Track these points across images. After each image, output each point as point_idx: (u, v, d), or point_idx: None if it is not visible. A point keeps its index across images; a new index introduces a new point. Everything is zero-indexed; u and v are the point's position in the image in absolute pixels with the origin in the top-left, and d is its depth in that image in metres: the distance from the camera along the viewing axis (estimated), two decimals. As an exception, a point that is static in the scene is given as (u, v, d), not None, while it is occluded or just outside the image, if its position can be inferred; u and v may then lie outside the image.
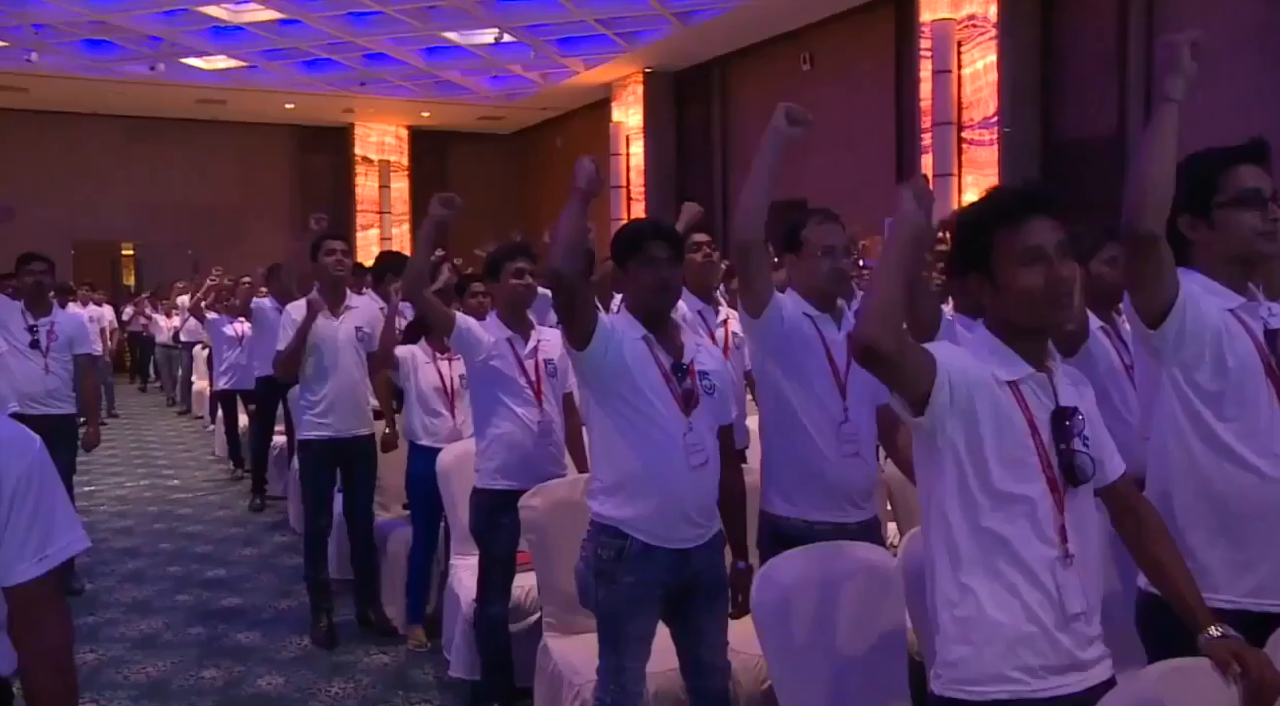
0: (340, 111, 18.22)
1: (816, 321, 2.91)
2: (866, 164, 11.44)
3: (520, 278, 3.83)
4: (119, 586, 5.81)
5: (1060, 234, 1.86)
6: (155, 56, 14.72)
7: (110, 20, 13.08)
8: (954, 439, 1.82)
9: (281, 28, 13.70)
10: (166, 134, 18.31)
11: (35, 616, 1.59)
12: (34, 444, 1.60)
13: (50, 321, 5.54)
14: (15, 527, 1.55)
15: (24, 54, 14.30)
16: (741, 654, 2.99)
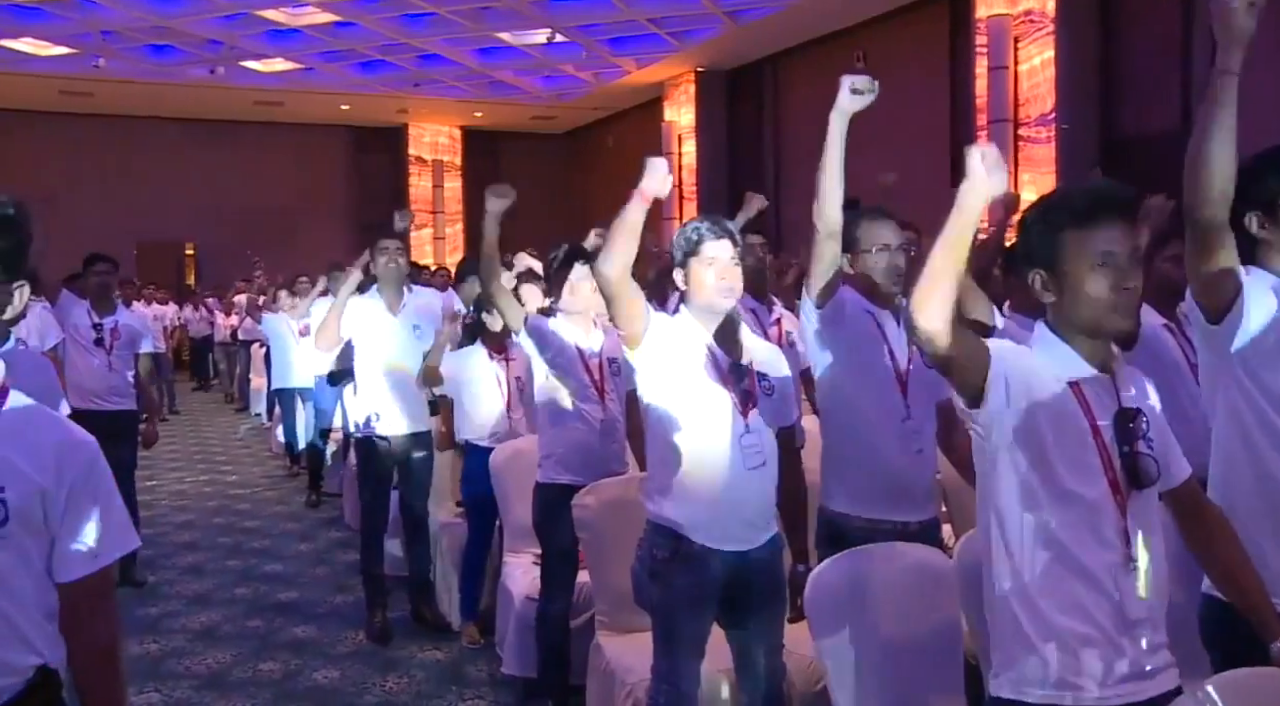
0: (394, 112, 18.41)
1: (877, 317, 2.89)
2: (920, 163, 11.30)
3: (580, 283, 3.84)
4: (180, 579, 5.93)
5: (1134, 240, 1.81)
6: (215, 60, 14.98)
7: (172, 25, 13.34)
8: (1012, 437, 1.79)
9: (337, 30, 13.87)
10: (226, 136, 18.64)
11: (85, 612, 1.64)
12: (90, 445, 1.64)
13: (114, 320, 5.67)
14: (69, 527, 1.59)
15: (91, 60, 14.64)
16: (795, 654, 2.98)
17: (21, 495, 1.54)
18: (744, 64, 14.87)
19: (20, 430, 1.58)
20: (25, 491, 1.54)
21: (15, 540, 1.55)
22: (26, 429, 1.59)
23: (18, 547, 1.55)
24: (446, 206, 19.70)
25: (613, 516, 3.41)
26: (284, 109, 17.87)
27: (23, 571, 1.57)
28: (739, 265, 2.77)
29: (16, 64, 14.84)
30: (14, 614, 1.56)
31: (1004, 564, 1.84)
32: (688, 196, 15.37)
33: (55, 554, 1.60)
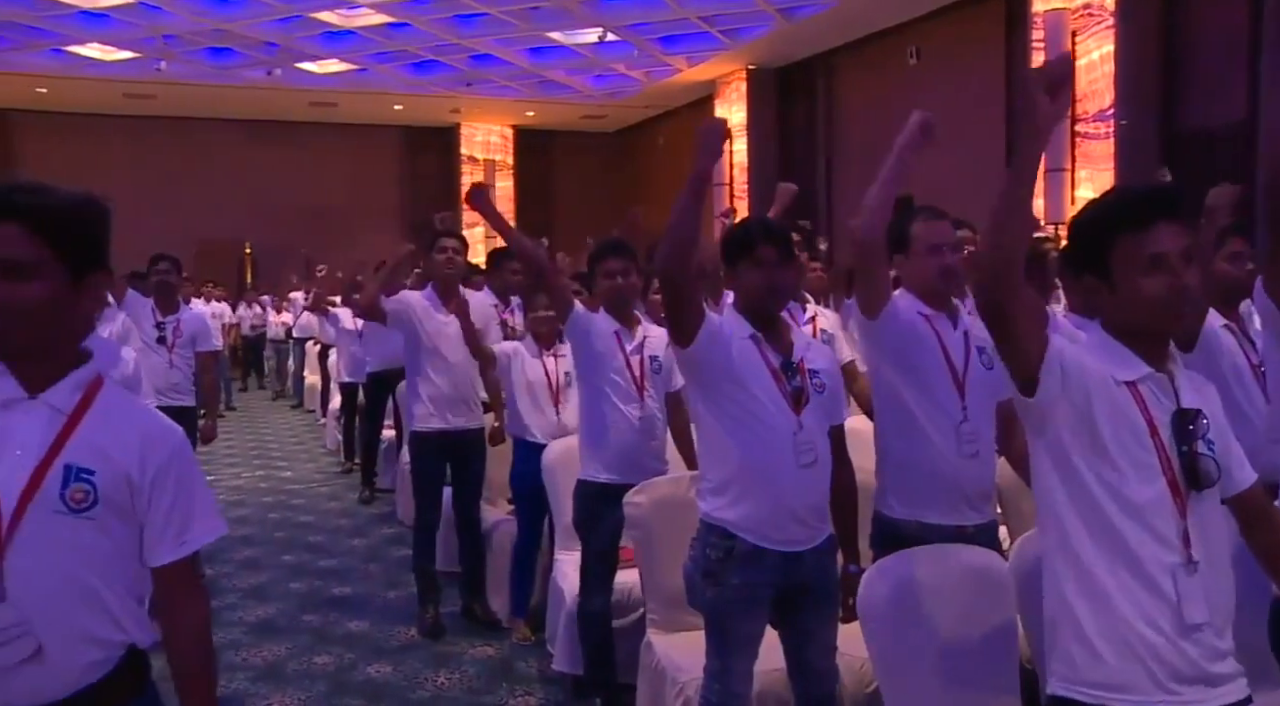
0: (447, 112, 18.57)
1: (932, 320, 2.86)
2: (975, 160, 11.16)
3: (611, 278, 3.84)
4: (237, 573, 6.03)
5: (1186, 239, 1.78)
6: (272, 62, 15.23)
7: (231, 28, 13.58)
8: (1069, 433, 1.77)
9: (390, 31, 14.03)
10: (282, 136, 18.93)
11: (176, 595, 1.72)
12: (176, 434, 1.72)
13: (176, 318, 5.79)
14: (158, 513, 1.66)
15: (154, 64, 14.97)
16: (847, 655, 2.96)
17: (109, 479, 1.61)
18: (795, 61, 14.79)
19: (111, 417, 1.65)
20: (113, 476, 1.61)
21: (105, 522, 1.62)
22: (116, 416, 1.66)
23: (107, 529, 1.62)
24: (498, 205, 19.78)
25: (663, 515, 3.41)
26: (338, 110, 18.10)
27: (113, 553, 1.64)
28: (789, 266, 2.76)
29: (84, 69, 15.23)
30: (105, 592, 1.63)
31: (1061, 562, 1.82)
32: (738, 195, 15.33)
33: (145, 539, 1.67)
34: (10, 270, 1.53)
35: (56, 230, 1.57)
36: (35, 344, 1.61)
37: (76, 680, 1.60)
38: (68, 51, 14.72)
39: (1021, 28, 10.59)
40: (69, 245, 1.58)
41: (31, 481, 1.56)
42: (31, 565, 1.56)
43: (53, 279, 1.57)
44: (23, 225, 1.54)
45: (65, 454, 1.59)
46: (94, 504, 1.59)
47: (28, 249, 1.54)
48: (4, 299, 1.53)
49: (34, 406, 1.60)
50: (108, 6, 12.98)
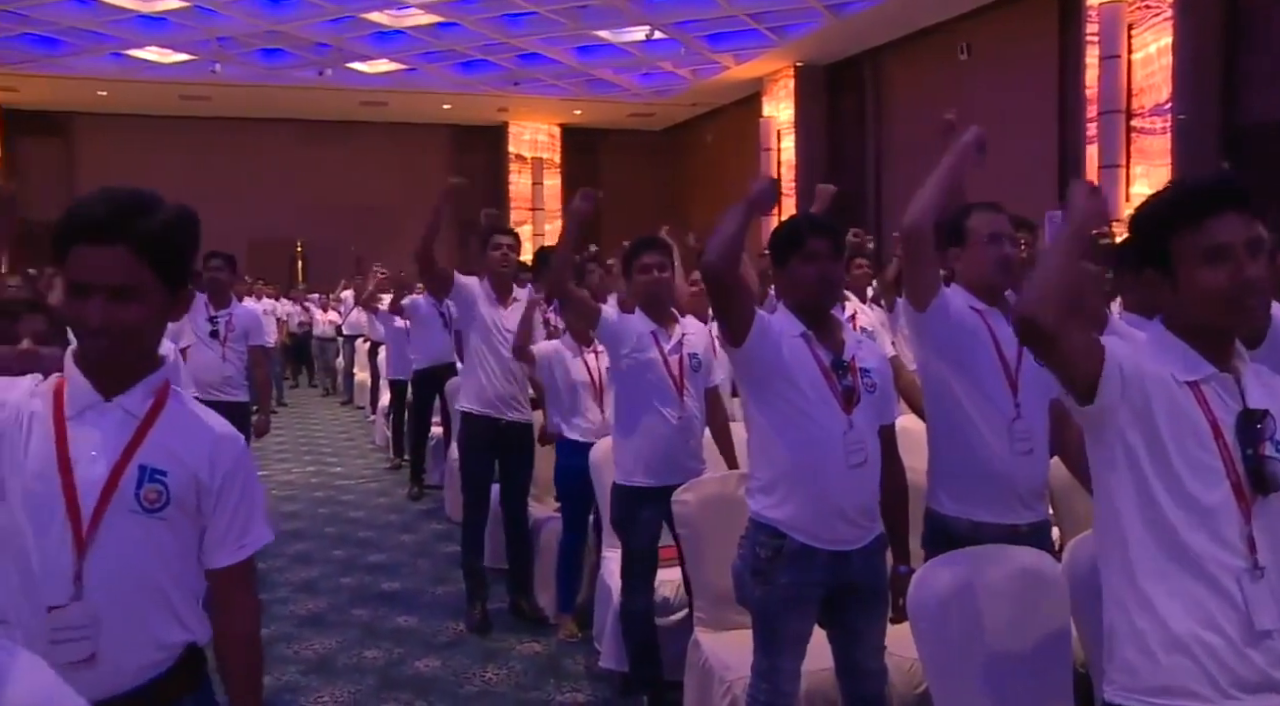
0: (495, 111, 18.70)
1: (985, 315, 2.82)
2: (1027, 156, 11.01)
3: (647, 273, 3.83)
4: (288, 567, 6.10)
5: (1250, 230, 1.73)
6: (323, 62, 15.43)
7: (283, 29, 13.78)
8: (1128, 436, 1.74)
9: (439, 30, 14.15)
10: (333, 136, 19.18)
11: (230, 597, 1.75)
12: (239, 440, 1.76)
13: (229, 313, 5.88)
14: (220, 517, 1.70)
15: (209, 66, 15.24)
16: (896, 656, 2.93)
17: (180, 482, 1.65)
18: (844, 58, 14.68)
19: (180, 421, 1.69)
20: (184, 478, 1.66)
21: (175, 522, 1.66)
22: (186, 420, 1.70)
23: (177, 529, 1.66)
24: (546, 204, 19.91)
25: (711, 513, 3.40)
26: (388, 109, 18.30)
27: (179, 552, 1.68)
28: (839, 261, 2.74)
29: (142, 72, 15.56)
30: (172, 592, 1.67)
31: (1120, 564, 1.78)
32: (786, 193, 15.25)
33: (205, 541, 1.71)
34: (121, 294, 1.56)
35: (159, 252, 1.59)
36: (133, 360, 1.66)
37: (138, 675, 1.63)
38: (127, 55, 15.05)
39: (1076, 22, 10.43)
40: (168, 265, 1.62)
41: (109, 482, 1.60)
42: (109, 564, 1.60)
43: (153, 299, 1.61)
44: (130, 248, 1.56)
45: (139, 455, 1.63)
46: (166, 504, 1.64)
47: (134, 273, 1.57)
48: (111, 321, 1.56)
49: (109, 410, 1.64)
50: (165, 10, 13.25)
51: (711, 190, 17.71)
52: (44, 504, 1.59)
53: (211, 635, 1.74)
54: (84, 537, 1.59)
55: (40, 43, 14.43)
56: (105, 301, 1.56)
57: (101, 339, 1.58)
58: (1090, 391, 1.73)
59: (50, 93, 16.67)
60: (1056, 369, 1.77)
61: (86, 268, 1.56)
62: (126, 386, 1.65)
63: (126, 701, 1.61)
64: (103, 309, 1.56)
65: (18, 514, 1.60)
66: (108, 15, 13.29)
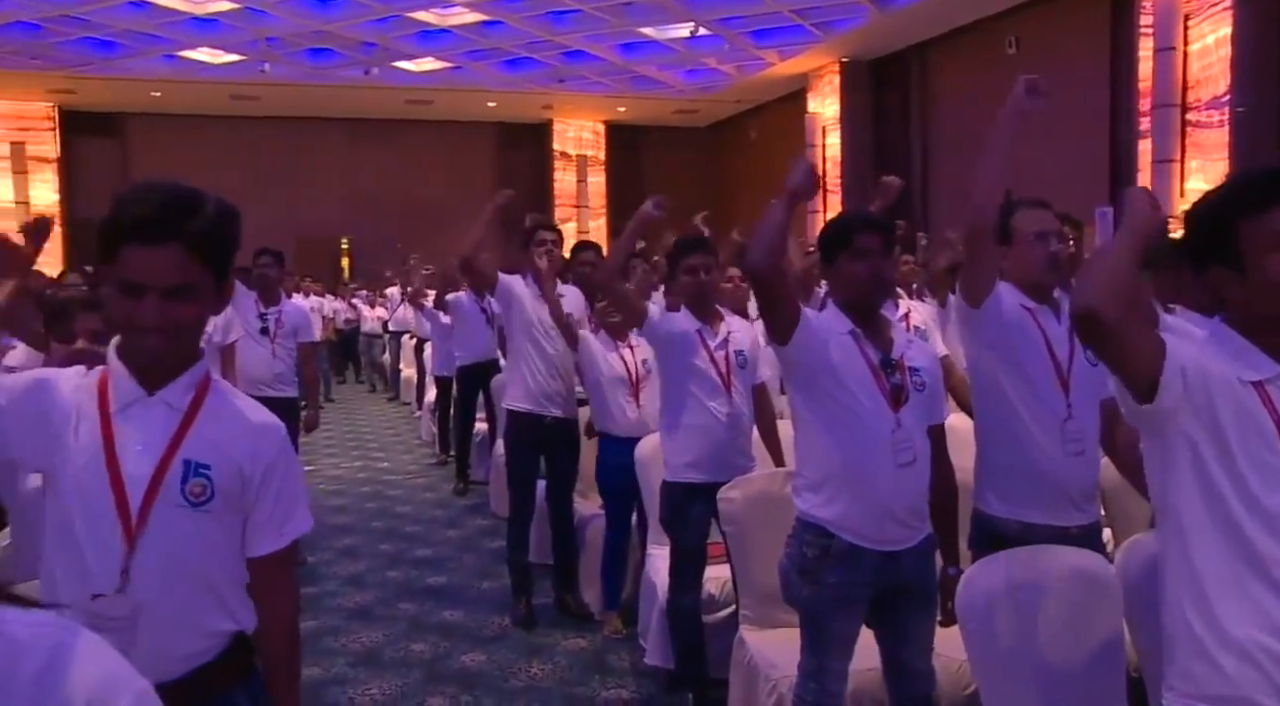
0: (539, 108, 18.76)
1: (1036, 314, 2.79)
2: (1078, 151, 10.84)
3: (694, 274, 3.83)
4: (336, 560, 6.18)
5: None
6: (370, 61, 15.57)
7: (331, 29, 13.93)
8: (1191, 436, 1.69)
9: (484, 29, 14.22)
10: (379, 134, 19.36)
11: (271, 585, 1.76)
12: (281, 430, 1.78)
13: (278, 310, 5.95)
14: (262, 506, 1.72)
15: (258, 66, 15.46)
16: (943, 657, 2.90)
17: (224, 473, 1.67)
18: (890, 53, 14.55)
19: (222, 413, 1.71)
20: (227, 470, 1.67)
21: (220, 515, 1.68)
22: (227, 412, 1.72)
23: (221, 521, 1.68)
24: (590, 201, 19.96)
25: (757, 511, 3.40)
26: (434, 107, 18.43)
27: (225, 543, 1.70)
28: (890, 257, 2.72)
29: (194, 72, 15.83)
30: (219, 582, 1.69)
31: (1182, 566, 1.74)
32: (831, 189, 15.16)
33: (247, 529, 1.72)
34: (173, 292, 1.58)
35: (209, 249, 1.61)
36: (183, 356, 1.68)
37: (185, 664, 1.65)
38: (179, 56, 15.30)
39: (1128, 15, 10.25)
40: (217, 261, 1.63)
41: (155, 477, 1.63)
42: (157, 557, 1.62)
43: (204, 295, 1.63)
44: (183, 247, 1.57)
45: (183, 450, 1.65)
46: (211, 497, 1.65)
47: (188, 272, 1.58)
48: (166, 321, 1.58)
49: (152, 404, 1.66)
50: (216, 12, 13.46)
51: (756, 187, 17.64)
52: (93, 497, 1.62)
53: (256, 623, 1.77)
54: (133, 531, 1.61)
55: (97, 46, 14.73)
56: (160, 300, 1.57)
57: (155, 338, 1.59)
58: (1150, 390, 1.69)
59: (106, 94, 17.01)
60: (1115, 366, 1.74)
61: (140, 268, 1.56)
62: (168, 380, 1.67)
63: (175, 689, 1.61)
64: (158, 308, 1.57)
65: (68, 505, 1.63)
66: (161, 18, 13.53)
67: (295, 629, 1.84)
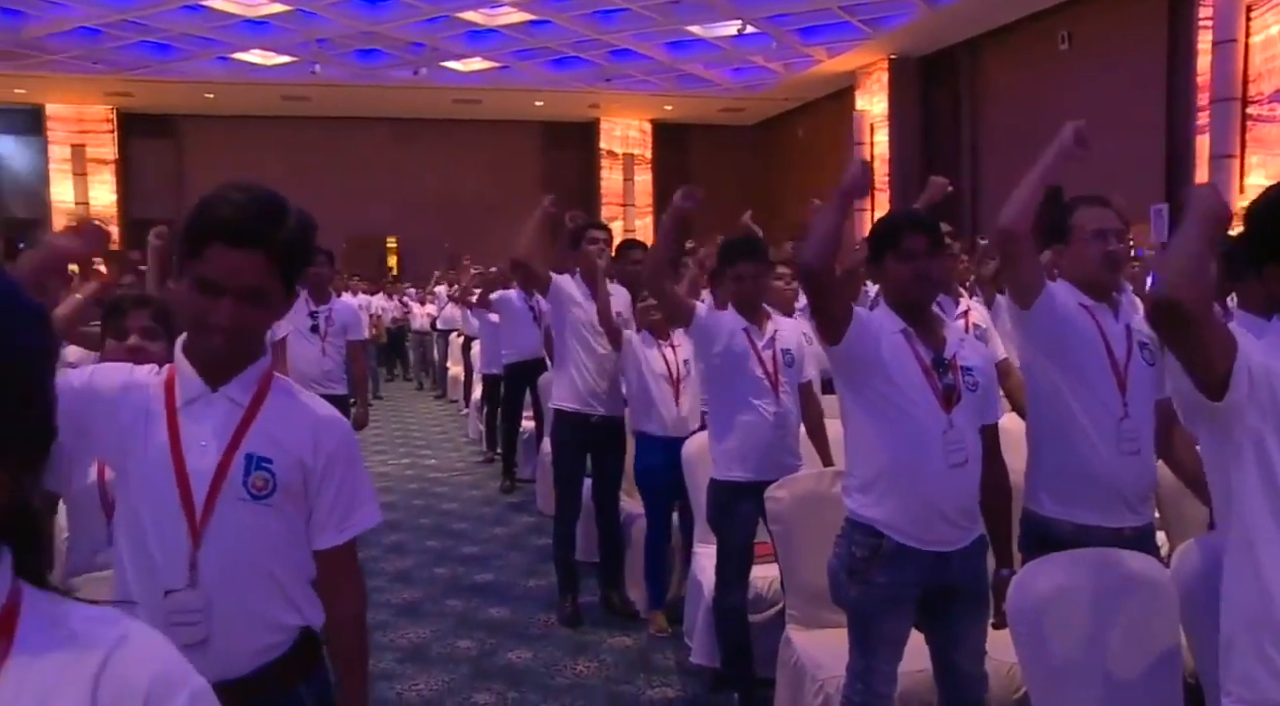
0: (586, 107, 18.83)
1: (1093, 312, 2.74)
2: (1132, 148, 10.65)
3: (741, 281, 3.82)
4: (384, 556, 6.23)
5: None
6: (418, 61, 15.73)
7: (380, 30, 14.08)
8: (1258, 434, 1.66)
9: (532, 28, 14.30)
10: (427, 134, 19.54)
11: (336, 579, 1.78)
12: (343, 424, 1.79)
13: (328, 309, 6.00)
14: (325, 499, 1.73)
15: (308, 67, 15.67)
16: (994, 659, 2.86)
17: (286, 467, 1.69)
18: (939, 50, 14.42)
19: (285, 409, 1.73)
20: (289, 464, 1.69)
21: (282, 509, 1.70)
22: (289, 407, 1.74)
23: (285, 516, 1.70)
24: (637, 199, 19.99)
25: (805, 510, 3.38)
26: (481, 107, 18.57)
27: (288, 537, 1.72)
28: (939, 257, 2.69)
29: (247, 74, 16.10)
30: (284, 577, 1.71)
31: (1243, 568, 1.71)
32: (879, 187, 15.04)
33: (311, 523, 1.74)
34: (252, 296, 1.61)
35: (289, 259, 1.65)
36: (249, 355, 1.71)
37: (254, 660, 1.67)
38: (232, 58, 15.57)
39: (1187, 7, 10.06)
40: (292, 269, 1.67)
41: (218, 471, 1.65)
42: (222, 552, 1.64)
43: (275, 300, 1.66)
44: (266, 254, 1.60)
45: (245, 444, 1.67)
46: (273, 491, 1.67)
47: (267, 278, 1.62)
48: (238, 323, 1.61)
49: (215, 399, 1.68)
50: (268, 14, 13.66)
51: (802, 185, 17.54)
52: (160, 492, 1.64)
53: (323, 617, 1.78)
54: (198, 526, 1.64)
55: (153, 49, 15.04)
56: (235, 302, 1.60)
57: (222, 338, 1.62)
58: (1222, 386, 1.66)
59: (161, 96, 17.37)
60: (1189, 358, 1.69)
61: (223, 268, 1.59)
62: (232, 376, 1.69)
63: (242, 686, 1.64)
64: (232, 309, 1.59)
65: (137, 500, 1.66)
66: (215, 20, 13.77)
67: (362, 623, 1.85)
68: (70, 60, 15.11)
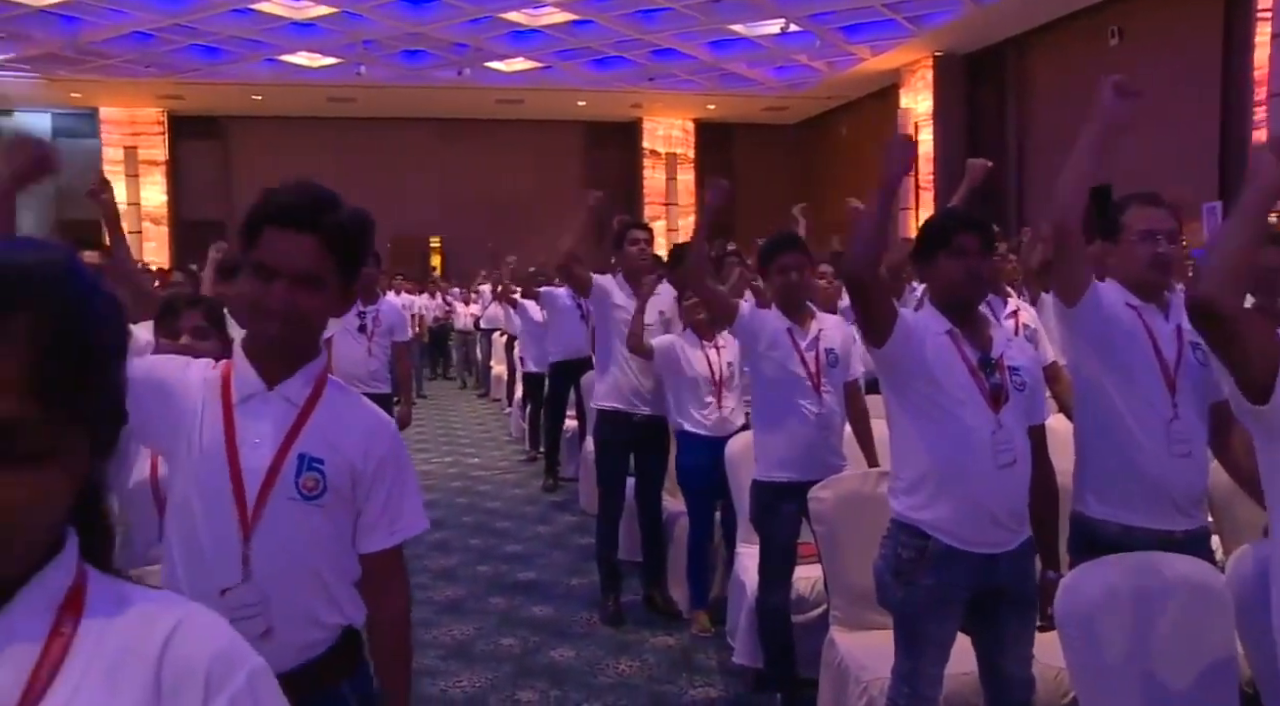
0: (629, 107, 18.85)
1: (1141, 312, 2.69)
2: (1184, 144, 10.47)
3: (785, 274, 3.80)
4: (428, 554, 6.27)
5: None
6: (462, 62, 15.83)
7: (424, 31, 14.19)
8: None
9: (574, 28, 14.34)
10: (470, 134, 19.66)
11: (383, 582, 1.80)
12: (394, 429, 1.82)
13: (375, 309, 6.06)
14: (374, 503, 1.75)
15: (354, 68, 15.85)
16: (1041, 663, 2.82)
17: (337, 469, 1.70)
18: (985, 47, 14.26)
19: (338, 411, 1.75)
20: (340, 466, 1.71)
21: (332, 510, 1.71)
22: (342, 409, 1.76)
23: (332, 516, 1.72)
24: (679, 199, 19.98)
25: (849, 511, 3.35)
26: (524, 107, 18.65)
27: (335, 538, 1.73)
28: (989, 256, 2.66)
29: (293, 76, 16.31)
30: (329, 577, 1.73)
31: None
32: (924, 186, 14.91)
33: (359, 525, 1.76)
34: (305, 280, 1.64)
35: (342, 246, 1.67)
36: (301, 346, 1.73)
37: (297, 657, 1.68)
38: (279, 60, 15.77)
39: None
40: (347, 260, 1.69)
41: (271, 469, 1.67)
42: (271, 550, 1.66)
43: (329, 291, 1.68)
44: (318, 238, 1.64)
45: (299, 444, 1.69)
46: (323, 492, 1.69)
47: (321, 263, 1.65)
48: (290, 306, 1.63)
49: (271, 398, 1.70)
50: (315, 17, 13.83)
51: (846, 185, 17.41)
52: (213, 486, 1.66)
53: (366, 617, 1.79)
54: (249, 522, 1.66)
55: (203, 52, 15.29)
56: (288, 285, 1.62)
57: (276, 323, 1.64)
58: (1267, 389, 1.62)
59: (210, 99, 17.64)
60: (1230, 359, 1.67)
61: (276, 251, 1.63)
62: (288, 374, 1.71)
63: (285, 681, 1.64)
64: (285, 293, 1.62)
65: (189, 493, 1.68)
66: (263, 23, 13.96)
67: (406, 624, 1.86)
68: (124, 64, 15.40)
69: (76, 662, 0.80)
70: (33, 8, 13.26)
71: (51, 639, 0.80)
